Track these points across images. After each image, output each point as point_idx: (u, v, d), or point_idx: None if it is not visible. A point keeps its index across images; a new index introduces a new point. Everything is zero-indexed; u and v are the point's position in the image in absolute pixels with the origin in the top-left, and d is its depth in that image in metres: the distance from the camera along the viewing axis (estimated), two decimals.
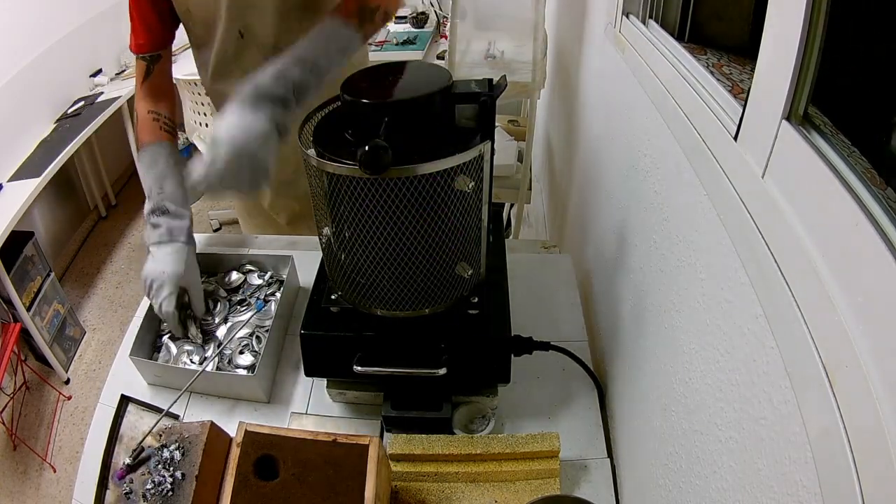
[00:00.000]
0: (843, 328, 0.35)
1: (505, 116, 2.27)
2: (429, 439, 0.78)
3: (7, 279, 1.97)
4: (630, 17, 0.96)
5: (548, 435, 0.77)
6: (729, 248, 0.51)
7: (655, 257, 0.75)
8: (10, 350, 1.87)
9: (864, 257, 0.35)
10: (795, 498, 0.39)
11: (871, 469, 0.31)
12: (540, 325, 0.94)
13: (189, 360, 0.93)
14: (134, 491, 0.73)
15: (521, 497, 0.76)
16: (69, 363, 2.34)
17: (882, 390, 0.31)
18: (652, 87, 0.77)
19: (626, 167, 0.92)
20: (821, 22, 0.42)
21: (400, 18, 3.10)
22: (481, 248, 0.75)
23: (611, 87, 1.06)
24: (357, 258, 0.71)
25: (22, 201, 2.02)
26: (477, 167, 0.66)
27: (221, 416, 0.86)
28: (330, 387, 0.87)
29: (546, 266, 1.11)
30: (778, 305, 0.42)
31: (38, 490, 1.92)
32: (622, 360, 0.86)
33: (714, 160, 0.55)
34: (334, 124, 0.72)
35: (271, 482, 0.65)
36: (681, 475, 0.60)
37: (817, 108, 0.45)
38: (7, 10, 2.35)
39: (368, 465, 0.65)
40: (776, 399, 0.42)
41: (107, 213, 3.23)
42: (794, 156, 0.43)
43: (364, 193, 0.64)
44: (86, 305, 2.67)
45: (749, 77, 0.60)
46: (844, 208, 0.37)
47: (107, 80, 2.86)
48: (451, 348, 0.76)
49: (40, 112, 2.53)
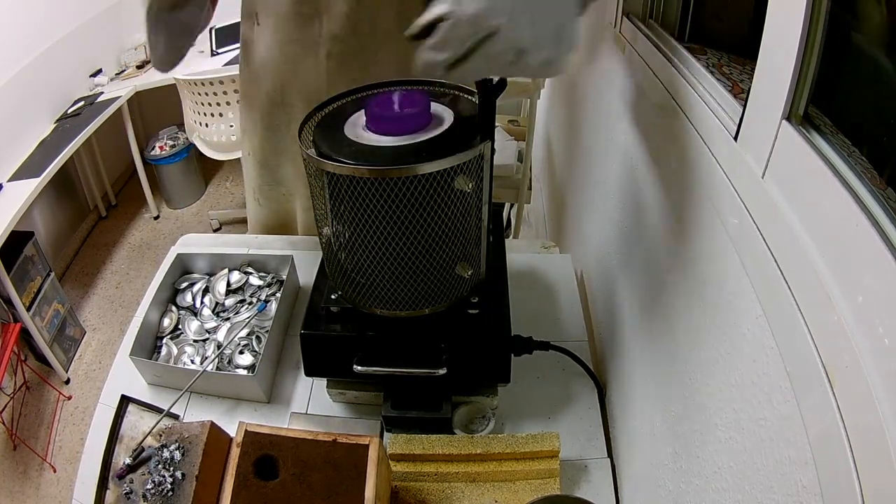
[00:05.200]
0: (843, 328, 0.35)
1: (505, 116, 2.27)
2: (429, 439, 0.78)
3: (7, 279, 1.97)
4: (630, 17, 0.96)
5: (548, 435, 0.77)
6: (729, 248, 0.51)
7: (655, 257, 0.75)
8: (10, 350, 1.87)
9: (864, 257, 0.35)
10: (795, 498, 0.39)
11: (871, 469, 0.31)
12: (540, 325, 0.94)
13: (189, 360, 0.93)
14: (134, 491, 0.73)
15: (521, 497, 0.76)
16: (69, 363, 2.34)
17: (882, 390, 0.31)
18: (652, 87, 0.77)
19: (626, 167, 0.92)
20: (821, 22, 0.42)
21: None
22: (481, 248, 0.75)
23: (611, 87, 1.06)
24: (357, 258, 0.71)
25: (22, 201, 2.02)
26: (477, 167, 0.66)
27: (221, 416, 0.86)
28: (330, 387, 0.87)
29: (546, 266, 1.11)
30: (778, 305, 0.42)
31: (38, 490, 1.92)
32: (622, 360, 0.86)
33: (714, 160, 0.55)
34: (334, 124, 0.72)
35: (271, 482, 0.65)
36: (681, 475, 0.60)
37: (817, 108, 0.45)
38: (7, 10, 2.35)
39: (368, 465, 0.65)
40: (776, 399, 0.42)
41: (107, 213, 3.23)
42: (794, 156, 0.43)
43: (364, 193, 0.64)
44: (86, 305, 2.68)
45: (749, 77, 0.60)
46: (844, 208, 0.37)
47: (107, 80, 2.86)
48: (451, 348, 0.76)
49: (40, 112, 2.53)
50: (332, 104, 0.75)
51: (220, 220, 3.10)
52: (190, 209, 3.28)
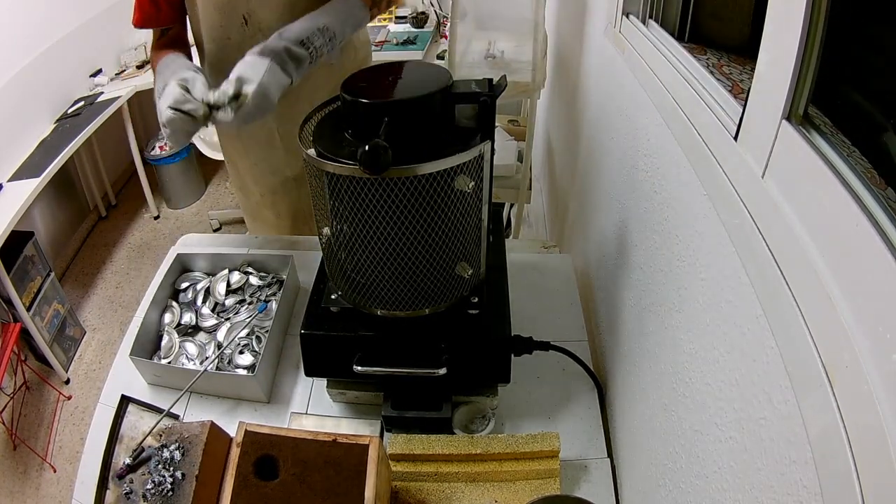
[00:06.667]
0: (843, 328, 0.35)
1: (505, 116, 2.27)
2: (429, 439, 0.78)
3: (7, 279, 1.97)
4: (630, 17, 0.96)
5: (548, 435, 0.77)
6: (729, 248, 0.51)
7: (655, 257, 0.75)
8: (10, 350, 1.87)
9: (864, 257, 0.35)
10: (795, 498, 0.39)
11: (871, 469, 0.31)
12: (540, 325, 0.94)
13: (189, 360, 0.93)
14: (134, 491, 0.73)
15: (521, 497, 0.76)
16: (69, 363, 2.34)
17: (882, 390, 0.31)
18: (652, 87, 0.77)
19: (626, 167, 0.92)
20: (821, 22, 0.42)
21: (400, 18, 3.10)
22: (481, 248, 0.75)
23: (611, 87, 1.06)
24: (357, 258, 0.71)
25: (22, 201, 2.02)
26: (477, 167, 0.66)
27: (221, 416, 0.86)
28: (330, 387, 0.87)
29: (546, 266, 1.11)
30: (778, 305, 0.42)
31: (38, 490, 1.92)
32: (622, 360, 0.86)
33: (714, 160, 0.55)
34: (334, 124, 0.72)
35: (271, 482, 0.65)
36: (681, 475, 0.60)
37: (817, 108, 0.45)
38: (7, 10, 2.35)
39: (368, 465, 0.65)
40: (776, 399, 0.42)
41: (107, 213, 3.23)
42: (794, 156, 0.43)
43: (364, 193, 0.64)
44: (86, 305, 2.67)
45: (749, 77, 0.60)
46: (844, 208, 0.37)
47: (107, 80, 2.86)
48: (451, 348, 0.76)
49: (40, 112, 2.53)
50: (332, 104, 0.75)
51: (220, 220, 3.10)
52: (190, 209, 3.28)
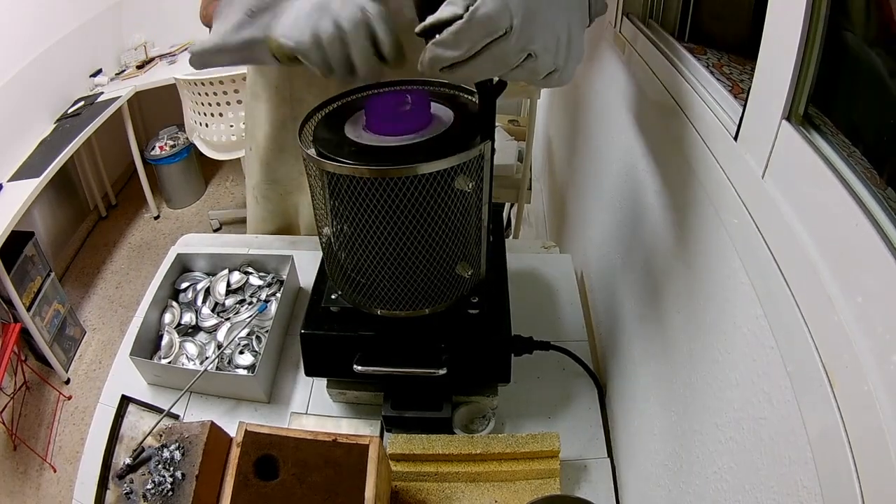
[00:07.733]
0: (843, 328, 0.35)
1: (505, 116, 2.27)
2: (429, 439, 0.78)
3: (7, 279, 1.97)
4: (630, 17, 0.96)
5: (548, 435, 0.77)
6: (729, 248, 0.51)
7: (655, 257, 0.75)
8: (10, 350, 1.87)
9: (864, 257, 0.35)
10: (795, 498, 0.39)
11: (871, 469, 0.31)
12: (540, 325, 0.94)
13: (189, 360, 0.93)
14: (134, 491, 0.73)
15: (521, 497, 0.76)
16: (69, 363, 2.34)
17: (882, 390, 0.31)
18: (652, 87, 0.77)
19: (626, 167, 0.92)
20: (821, 22, 0.42)
21: None
22: (481, 248, 0.75)
23: (611, 87, 1.06)
24: (357, 258, 0.71)
25: (22, 201, 2.02)
26: (477, 167, 0.66)
27: (221, 416, 0.86)
28: (330, 387, 0.87)
29: (546, 266, 1.11)
30: (778, 305, 0.42)
31: (38, 490, 1.92)
32: (622, 360, 0.86)
33: (714, 160, 0.55)
34: (334, 124, 0.72)
35: (271, 482, 0.65)
36: (681, 475, 0.60)
37: (817, 108, 0.45)
38: (7, 10, 2.35)
39: (368, 465, 0.65)
40: (776, 399, 0.42)
41: (107, 213, 3.23)
42: (794, 156, 0.43)
43: (364, 193, 0.64)
44: (86, 305, 2.68)
45: (749, 77, 0.60)
46: (844, 208, 0.37)
47: (107, 80, 2.86)
48: (451, 348, 0.76)
49: (40, 112, 2.53)
50: (332, 104, 0.75)
51: (220, 220, 3.11)
52: (190, 209, 3.28)
